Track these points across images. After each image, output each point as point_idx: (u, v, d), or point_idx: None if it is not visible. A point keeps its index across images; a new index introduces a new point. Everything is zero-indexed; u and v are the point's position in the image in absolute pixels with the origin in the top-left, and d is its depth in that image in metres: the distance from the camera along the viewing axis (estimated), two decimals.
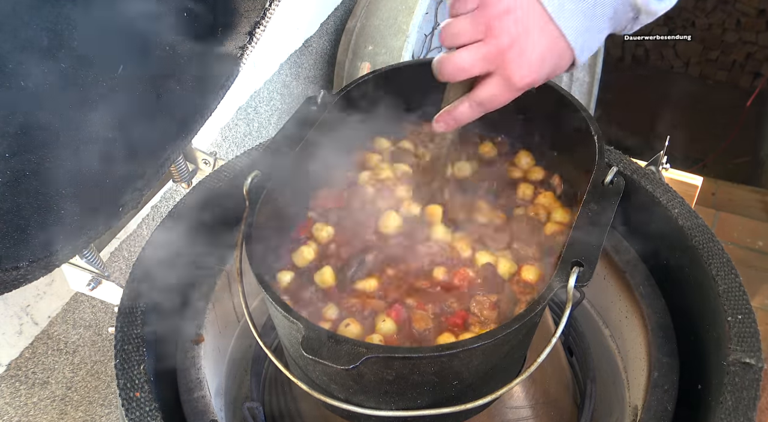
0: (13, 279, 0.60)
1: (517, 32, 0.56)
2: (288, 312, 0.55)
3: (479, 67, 0.58)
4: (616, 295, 0.88)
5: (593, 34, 0.58)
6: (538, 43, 0.56)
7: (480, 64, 0.58)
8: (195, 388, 0.77)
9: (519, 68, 0.57)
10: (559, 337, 0.56)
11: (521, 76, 0.57)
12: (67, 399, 1.14)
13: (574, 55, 0.58)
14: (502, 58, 0.57)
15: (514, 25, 0.56)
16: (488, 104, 0.60)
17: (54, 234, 0.64)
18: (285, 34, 1.58)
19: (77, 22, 0.61)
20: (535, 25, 0.56)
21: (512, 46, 0.56)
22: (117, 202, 0.71)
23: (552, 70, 0.59)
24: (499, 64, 0.57)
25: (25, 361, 1.02)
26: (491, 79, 0.59)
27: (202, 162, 0.98)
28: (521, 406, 0.81)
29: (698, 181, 1.25)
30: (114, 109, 0.69)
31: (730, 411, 0.63)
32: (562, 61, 0.58)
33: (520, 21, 0.56)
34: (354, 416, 0.67)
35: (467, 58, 0.58)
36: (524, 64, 0.57)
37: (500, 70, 0.58)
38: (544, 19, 0.56)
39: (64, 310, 1.08)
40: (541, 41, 0.56)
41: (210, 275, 0.89)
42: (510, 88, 0.58)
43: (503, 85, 0.58)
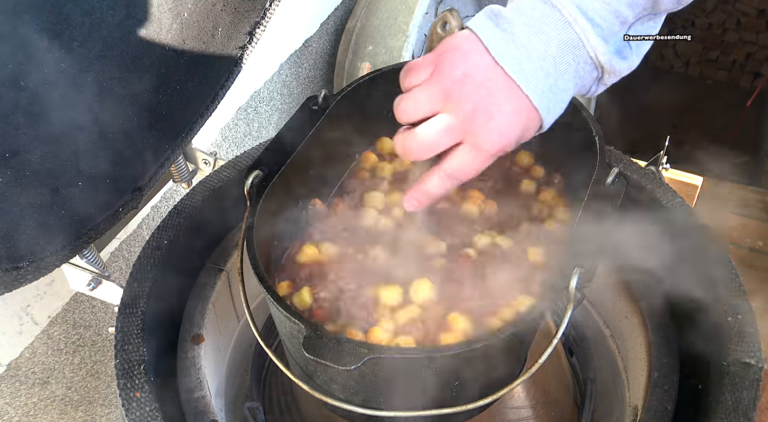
0: (13, 279, 0.60)
1: (479, 97, 0.52)
2: (289, 312, 0.55)
3: (445, 141, 0.54)
4: (616, 295, 0.88)
5: (557, 94, 0.54)
6: (503, 105, 0.52)
7: (445, 138, 0.54)
8: (195, 388, 0.77)
9: (488, 134, 0.53)
10: (560, 338, 0.56)
11: (492, 142, 0.53)
12: (67, 399, 1.14)
13: (540, 118, 0.54)
14: (468, 126, 0.53)
15: (474, 90, 0.52)
16: (460, 175, 0.56)
17: (54, 234, 0.64)
18: (285, 34, 1.58)
19: (77, 23, 0.61)
20: (498, 87, 0.52)
21: (476, 112, 0.52)
22: (117, 201, 0.71)
23: (521, 134, 0.54)
24: (466, 133, 0.53)
25: (25, 361, 1.02)
26: (460, 149, 0.55)
27: (202, 162, 0.98)
28: (522, 406, 0.81)
29: (698, 181, 1.25)
30: (114, 108, 0.69)
31: (730, 411, 0.63)
32: (530, 123, 0.54)
33: (481, 85, 0.52)
34: (355, 416, 0.67)
35: (430, 133, 0.54)
36: (493, 129, 0.53)
37: (468, 139, 0.54)
38: (506, 82, 0.52)
39: (64, 310, 1.08)
40: (507, 104, 0.52)
41: (210, 275, 0.89)
42: (481, 156, 0.54)
43: (473, 154, 0.54)
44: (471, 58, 0.52)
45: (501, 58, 0.51)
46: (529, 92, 0.52)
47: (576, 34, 0.52)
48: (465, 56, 0.52)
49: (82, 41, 0.62)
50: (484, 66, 0.52)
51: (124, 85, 0.70)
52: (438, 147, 0.54)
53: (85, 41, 0.62)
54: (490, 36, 0.52)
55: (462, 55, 0.53)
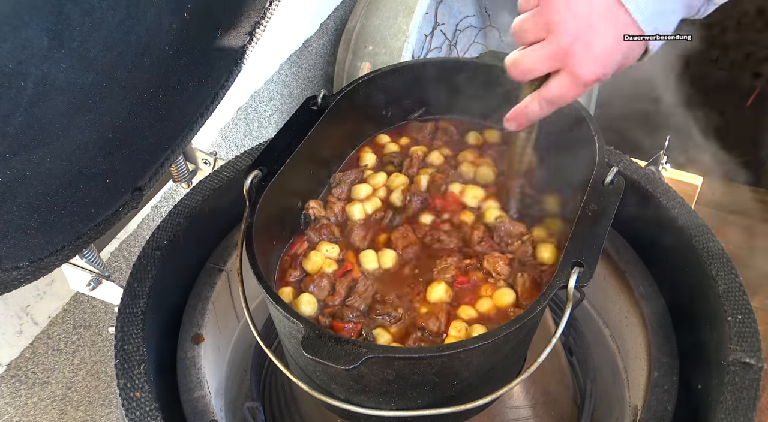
0: (13, 279, 0.60)
1: (577, 27, 0.53)
2: (288, 312, 0.55)
3: (545, 67, 0.57)
4: (616, 295, 0.88)
5: (666, 16, 0.54)
6: (604, 34, 0.53)
7: (545, 64, 0.56)
8: (195, 388, 0.77)
9: (584, 64, 0.55)
10: (560, 337, 0.56)
11: (588, 71, 0.55)
12: (67, 399, 1.14)
13: (646, 42, 0.55)
14: (566, 56, 0.55)
15: (574, 21, 0.53)
16: (558, 101, 0.59)
17: (54, 234, 0.64)
18: (285, 34, 1.58)
19: (77, 23, 0.61)
20: (601, 15, 0.53)
21: (574, 42, 0.54)
22: (117, 201, 0.71)
23: (623, 61, 0.56)
24: (565, 62, 0.55)
25: (25, 361, 1.02)
26: (559, 77, 0.57)
27: (202, 162, 0.98)
28: (521, 406, 0.81)
29: (698, 180, 1.25)
30: (114, 109, 0.69)
31: (730, 411, 0.63)
32: (633, 49, 0.55)
33: (581, 15, 0.53)
34: (354, 416, 0.67)
35: (532, 59, 0.57)
36: (589, 59, 0.54)
37: (567, 67, 0.56)
38: (612, 6, 0.53)
39: (64, 310, 1.08)
40: (607, 32, 0.53)
41: (210, 275, 0.89)
42: (578, 85, 0.57)
43: (570, 82, 0.57)
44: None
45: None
46: (637, 15, 0.52)
47: None
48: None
49: (82, 41, 0.62)
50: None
51: (123, 85, 0.70)
52: (537, 72, 0.57)
53: (85, 41, 0.62)
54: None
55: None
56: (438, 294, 0.65)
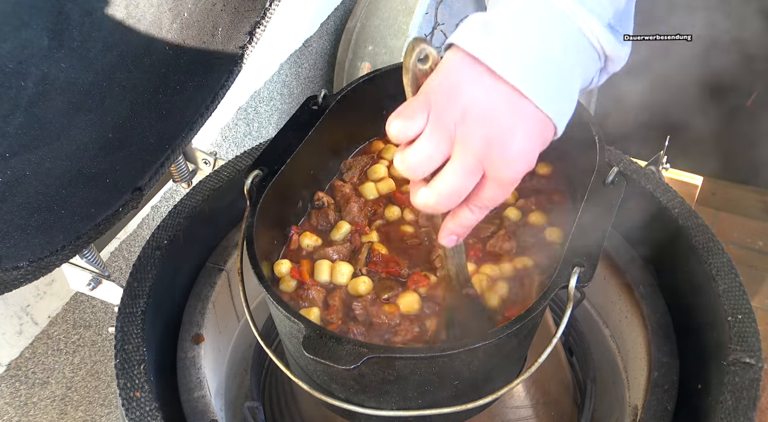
0: (13, 279, 0.60)
1: (487, 130, 0.48)
2: (289, 312, 0.55)
3: (469, 184, 0.50)
4: (616, 295, 0.88)
5: (567, 95, 0.50)
6: (515, 130, 0.48)
7: (468, 181, 0.50)
8: (195, 388, 0.77)
9: (508, 165, 0.50)
10: (560, 337, 0.56)
11: (514, 171, 0.50)
12: (67, 399, 1.14)
13: (554, 125, 0.50)
14: (486, 162, 0.49)
15: (480, 124, 0.48)
16: (491, 205, 0.53)
17: (54, 234, 0.64)
18: (285, 34, 1.58)
19: (77, 23, 0.61)
20: (504, 111, 0.48)
21: (490, 146, 0.48)
22: (117, 201, 0.71)
23: (540, 148, 0.51)
24: (486, 167, 0.50)
25: (25, 361, 1.02)
26: (485, 183, 0.51)
27: (202, 162, 0.98)
28: (522, 406, 0.81)
29: (698, 180, 1.25)
30: (114, 108, 0.69)
31: (730, 411, 0.63)
32: (546, 134, 0.51)
33: (485, 116, 0.48)
34: (354, 416, 0.67)
35: (452, 183, 0.50)
36: (510, 160, 0.49)
37: (490, 173, 0.50)
38: (510, 98, 0.48)
39: (64, 310, 1.08)
40: (518, 126, 0.48)
41: (210, 275, 0.89)
42: (505, 187, 0.52)
43: (497, 186, 0.51)
44: (464, 89, 0.48)
45: (503, 70, 0.47)
46: (539, 102, 0.48)
47: (577, 27, 0.48)
48: (456, 90, 0.48)
49: (82, 41, 0.62)
50: (481, 91, 0.48)
51: (123, 85, 0.70)
52: (463, 193, 0.51)
53: (85, 41, 0.62)
54: (484, 48, 0.47)
55: (453, 90, 0.48)
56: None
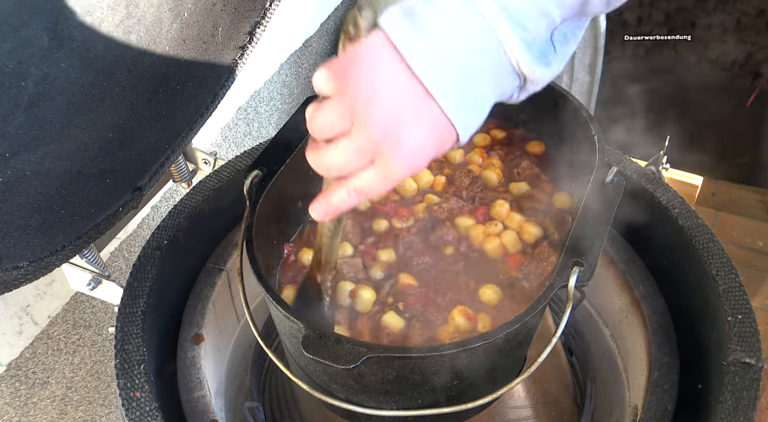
0: (13, 279, 0.60)
1: (387, 120, 0.48)
2: (289, 311, 0.55)
3: (354, 164, 0.51)
4: (616, 295, 0.88)
5: (476, 106, 0.50)
6: (414, 126, 0.48)
7: (354, 160, 0.50)
8: (195, 388, 0.77)
9: (396, 160, 0.49)
10: (560, 337, 0.56)
11: (399, 168, 0.50)
12: (67, 399, 1.14)
13: (457, 133, 0.50)
14: (377, 150, 0.49)
15: (382, 112, 0.48)
16: (366, 193, 0.53)
17: (54, 234, 0.64)
18: (285, 34, 1.58)
19: (77, 23, 0.61)
20: (409, 106, 0.48)
21: (385, 137, 0.48)
22: (117, 201, 0.71)
23: (434, 154, 0.51)
24: (375, 155, 0.50)
25: (25, 361, 1.02)
26: (368, 170, 0.51)
27: (202, 162, 0.98)
28: (522, 406, 0.81)
29: (698, 180, 1.25)
30: (114, 108, 0.69)
31: (730, 411, 0.63)
32: (445, 140, 0.50)
33: (390, 106, 0.48)
34: (354, 416, 0.67)
35: (339, 156, 0.50)
36: (401, 155, 0.49)
37: (377, 161, 0.50)
38: (419, 96, 0.48)
39: (64, 310, 1.08)
40: (418, 125, 0.48)
41: (210, 275, 0.89)
42: (388, 180, 0.51)
43: (381, 176, 0.51)
44: (380, 72, 0.48)
45: (417, 66, 0.47)
46: (446, 107, 0.48)
47: (498, 42, 0.47)
48: (373, 70, 0.48)
49: (82, 41, 0.62)
50: (395, 80, 0.47)
51: (124, 85, 0.70)
52: (347, 169, 0.51)
53: (85, 41, 0.62)
54: (406, 40, 0.47)
55: (370, 68, 0.48)
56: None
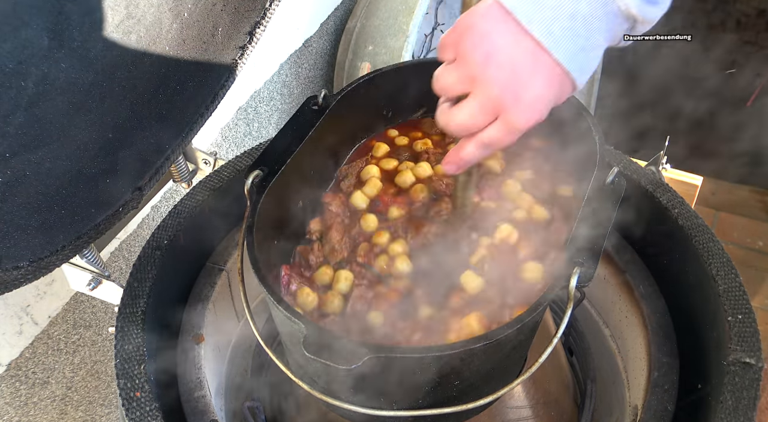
0: (13, 279, 0.60)
1: (504, 77, 0.52)
2: (289, 311, 0.55)
3: (479, 122, 0.55)
4: (616, 295, 0.88)
5: (589, 52, 0.53)
6: (531, 80, 0.52)
7: (479, 119, 0.55)
8: (195, 388, 0.77)
9: (517, 113, 0.53)
10: (560, 337, 0.56)
11: (522, 120, 0.54)
12: (67, 399, 1.14)
13: (573, 80, 0.54)
14: (498, 107, 0.54)
15: (498, 71, 0.52)
16: (494, 145, 0.58)
17: (54, 234, 0.64)
18: (285, 34, 1.58)
19: (77, 23, 0.61)
20: (524, 61, 0.51)
21: (504, 92, 0.52)
22: (117, 201, 0.71)
23: (554, 102, 0.55)
24: (498, 111, 0.54)
25: (25, 361, 1.02)
26: (494, 124, 0.56)
27: (202, 162, 0.98)
28: (522, 406, 0.81)
29: (698, 180, 1.25)
30: (114, 108, 0.69)
31: (730, 411, 0.63)
32: (563, 89, 0.54)
33: (504, 64, 0.51)
34: (355, 415, 0.67)
35: (464, 115, 0.55)
36: (521, 107, 0.53)
37: (501, 116, 0.54)
38: (532, 50, 0.51)
39: (64, 310, 1.08)
40: (534, 78, 0.52)
41: (210, 275, 0.89)
42: (513, 132, 0.56)
43: (506, 130, 0.55)
44: (491, 36, 0.51)
45: (528, 22, 0.50)
46: (560, 56, 0.51)
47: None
48: (484, 35, 0.52)
49: (82, 41, 0.62)
50: (506, 41, 0.51)
51: (123, 85, 0.70)
52: (474, 127, 0.56)
53: (85, 41, 0.62)
54: (514, 0, 0.50)
55: (481, 34, 0.52)
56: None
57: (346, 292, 0.67)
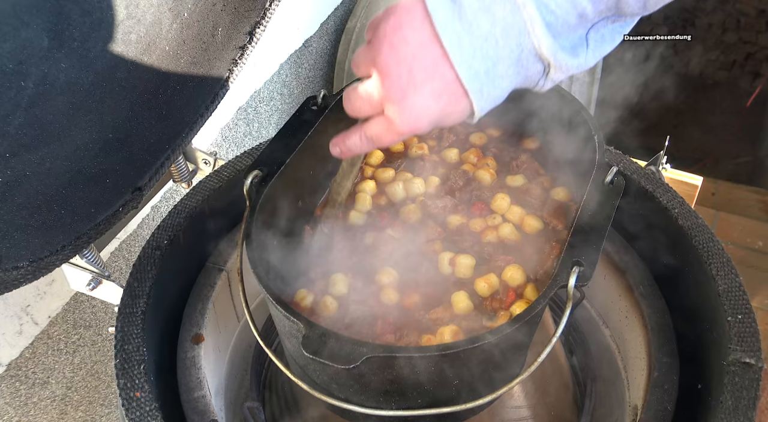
0: (13, 279, 0.60)
1: (398, 73, 0.50)
2: (288, 311, 0.55)
3: (366, 109, 0.55)
4: (616, 295, 0.88)
5: (494, 79, 0.50)
6: (422, 86, 0.50)
7: (366, 106, 0.54)
8: (195, 388, 0.77)
9: (400, 114, 0.52)
10: (559, 337, 0.56)
11: (402, 121, 0.52)
12: (67, 399, 1.14)
13: (471, 102, 0.51)
14: (385, 102, 0.52)
15: (396, 65, 0.50)
16: (376, 141, 0.57)
17: (54, 234, 0.64)
18: (285, 34, 1.58)
19: (77, 23, 0.61)
20: (423, 66, 0.50)
21: (393, 87, 0.51)
22: (117, 201, 0.71)
23: (441, 117, 0.52)
24: (385, 106, 0.53)
25: (25, 361, 1.02)
26: (378, 118, 0.55)
27: (202, 162, 0.98)
28: (521, 406, 0.81)
29: (698, 180, 1.25)
30: (114, 108, 0.70)
31: (730, 411, 0.63)
32: (457, 107, 0.52)
33: (404, 61, 0.50)
34: (354, 415, 0.67)
35: (355, 98, 0.55)
36: (405, 110, 0.51)
37: (386, 111, 0.53)
38: (436, 57, 0.49)
39: (64, 310, 1.08)
40: (426, 85, 0.50)
41: (210, 275, 0.89)
42: (393, 132, 0.54)
43: (386, 127, 0.54)
44: (403, 30, 0.50)
45: (441, 29, 0.49)
46: (461, 71, 0.49)
47: (523, 21, 0.48)
48: (397, 28, 0.50)
49: (82, 41, 0.62)
50: (415, 40, 0.50)
51: (124, 85, 0.70)
52: (360, 112, 0.56)
53: (85, 41, 0.63)
54: (437, 4, 0.49)
55: (395, 25, 0.50)
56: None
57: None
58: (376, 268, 0.68)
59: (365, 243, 0.71)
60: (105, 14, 0.64)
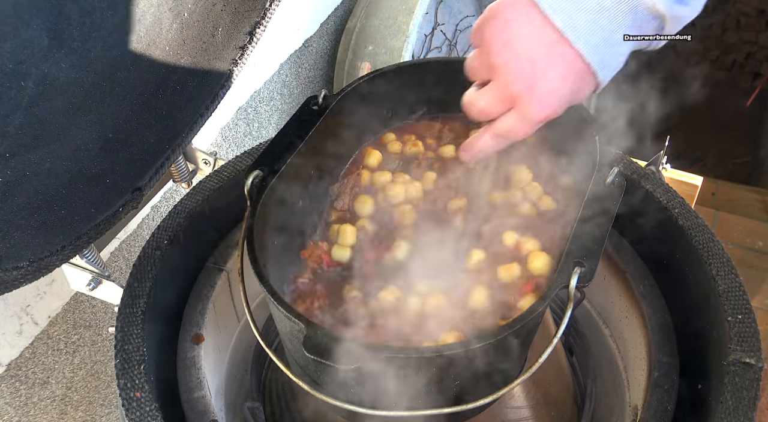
0: (13, 279, 0.60)
1: (519, 66, 0.52)
2: (289, 311, 0.55)
3: (496, 109, 0.56)
4: (616, 295, 0.88)
5: (612, 47, 0.52)
6: (546, 72, 0.52)
7: (496, 106, 0.56)
8: (195, 388, 0.77)
9: (531, 104, 0.54)
10: (560, 337, 0.56)
11: (536, 111, 0.54)
12: (67, 399, 1.14)
13: (595, 74, 0.53)
14: (514, 96, 0.54)
15: (515, 62, 0.52)
16: (509, 136, 0.58)
17: (54, 234, 0.64)
18: (285, 34, 1.58)
19: (77, 23, 0.61)
20: (541, 51, 0.51)
21: (518, 82, 0.53)
22: (117, 201, 0.71)
23: (572, 96, 0.55)
24: (513, 101, 0.55)
25: (25, 361, 1.02)
26: (509, 114, 0.56)
27: (202, 162, 0.98)
28: (522, 406, 0.81)
29: (698, 180, 1.25)
30: (114, 108, 0.69)
31: (730, 411, 0.63)
32: (583, 83, 0.54)
33: (521, 54, 0.51)
34: (355, 416, 0.67)
35: (484, 102, 0.57)
36: (535, 99, 0.53)
37: (516, 106, 0.55)
38: (553, 41, 0.51)
39: (64, 310, 1.08)
40: (550, 69, 0.52)
41: (210, 275, 0.89)
42: (527, 123, 0.56)
43: (520, 120, 0.56)
44: (512, 24, 0.52)
45: (551, 12, 0.50)
46: (581, 46, 0.50)
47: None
48: (505, 23, 0.52)
49: (82, 41, 0.62)
50: (527, 31, 0.51)
51: (124, 85, 0.70)
52: (490, 114, 0.57)
53: (85, 41, 0.62)
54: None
55: (503, 22, 0.52)
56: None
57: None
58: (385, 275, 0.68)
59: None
60: (105, 14, 0.64)
